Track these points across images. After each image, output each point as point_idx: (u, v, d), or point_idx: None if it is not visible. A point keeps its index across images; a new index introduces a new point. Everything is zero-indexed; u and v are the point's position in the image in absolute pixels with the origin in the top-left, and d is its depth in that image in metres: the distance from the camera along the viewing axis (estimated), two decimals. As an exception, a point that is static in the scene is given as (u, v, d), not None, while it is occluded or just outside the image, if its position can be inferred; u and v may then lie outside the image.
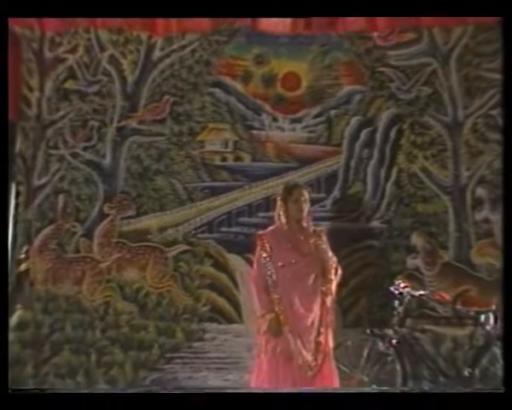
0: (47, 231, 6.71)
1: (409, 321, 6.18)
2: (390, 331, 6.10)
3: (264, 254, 5.40)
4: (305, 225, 5.46)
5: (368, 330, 6.18)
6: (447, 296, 6.35)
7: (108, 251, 6.68)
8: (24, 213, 6.72)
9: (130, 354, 6.52)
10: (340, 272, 5.52)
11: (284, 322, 5.26)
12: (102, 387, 6.45)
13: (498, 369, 5.99)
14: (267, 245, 5.41)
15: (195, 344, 6.53)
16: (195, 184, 6.75)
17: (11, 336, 6.43)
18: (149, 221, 6.71)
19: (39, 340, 6.56)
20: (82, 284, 6.64)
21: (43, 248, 6.69)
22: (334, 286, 5.42)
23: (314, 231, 5.50)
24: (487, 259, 6.54)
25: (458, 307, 6.35)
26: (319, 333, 5.30)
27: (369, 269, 6.58)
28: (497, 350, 6.02)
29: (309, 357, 5.24)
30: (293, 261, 5.34)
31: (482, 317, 6.10)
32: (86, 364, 6.52)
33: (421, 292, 6.22)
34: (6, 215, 6.28)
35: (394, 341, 6.05)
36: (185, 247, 6.65)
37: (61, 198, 6.75)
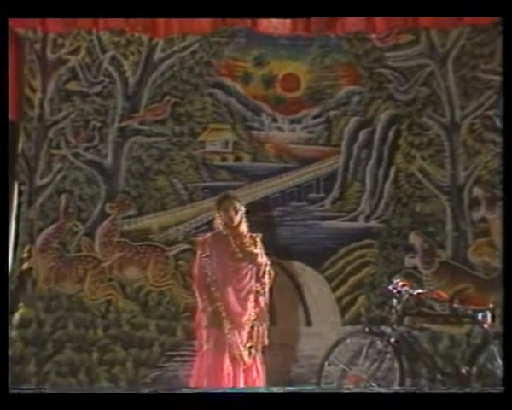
0: (49, 230, 6.76)
1: (407, 319, 6.22)
2: (388, 330, 6.15)
3: (205, 257, 5.84)
4: (241, 231, 5.85)
5: (366, 329, 6.23)
6: (445, 295, 6.38)
7: (110, 250, 6.73)
8: (26, 213, 6.76)
9: (131, 352, 6.55)
10: (272, 275, 5.92)
11: (223, 317, 5.67)
12: (104, 385, 6.49)
13: (496, 367, 6.04)
14: (207, 248, 5.86)
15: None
16: (196, 184, 6.79)
17: (14, 334, 6.50)
18: (150, 221, 6.75)
19: (41, 338, 6.60)
20: (84, 282, 6.68)
21: (45, 248, 6.73)
22: (266, 288, 5.91)
23: (250, 237, 5.89)
24: (484, 258, 6.58)
25: (456, 305, 6.39)
26: (252, 330, 5.74)
27: (367, 268, 6.62)
28: (494, 348, 6.06)
29: (244, 351, 5.65)
30: (230, 263, 5.79)
31: (479, 315, 6.14)
32: (88, 362, 6.56)
33: (419, 291, 6.26)
34: (8, 215, 6.36)
35: (392, 339, 6.09)
36: (186, 246, 6.69)
37: (63, 198, 6.79)
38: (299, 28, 6.80)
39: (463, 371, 6.12)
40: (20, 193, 6.78)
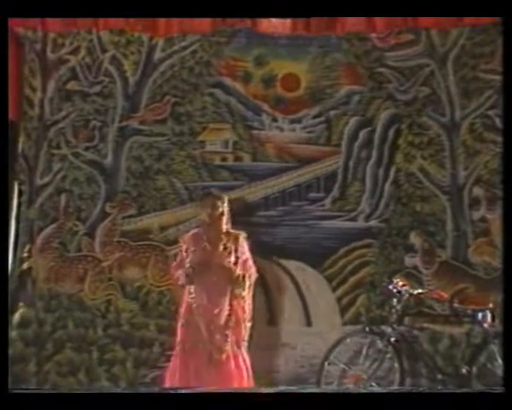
0: (49, 230, 6.76)
1: (407, 319, 6.23)
2: (388, 329, 6.16)
3: (183, 254, 5.84)
4: (221, 228, 5.81)
5: (366, 328, 6.24)
6: (445, 295, 6.38)
7: (110, 250, 6.73)
8: (26, 213, 6.77)
9: (131, 351, 6.56)
10: (254, 273, 5.83)
11: (196, 313, 5.64)
12: (104, 384, 6.49)
13: (496, 367, 6.05)
14: (185, 246, 5.85)
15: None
16: (196, 184, 6.78)
17: (14, 333, 6.50)
18: (150, 220, 6.76)
19: (41, 338, 6.61)
20: (84, 282, 6.69)
21: (45, 247, 6.73)
22: (246, 286, 5.76)
23: (233, 235, 5.85)
24: (484, 257, 6.58)
25: (456, 305, 6.39)
26: (227, 328, 5.64)
27: (367, 267, 6.62)
28: (494, 348, 6.07)
29: (214, 348, 5.60)
30: (207, 261, 5.72)
31: (479, 315, 6.15)
32: (88, 362, 6.56)
33: (420, 290, 6.27)
34: (8, 214, 6.37)
35: (392, 339, 6.10)
36: (186, 246, 6.69)
37: (63, 197, 6.80)
38: (300, 28, 6.82)
39: (463, 370, 6.13)
40: (20, 193, 6.79)
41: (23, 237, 6.74)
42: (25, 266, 6.71)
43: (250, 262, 5.84)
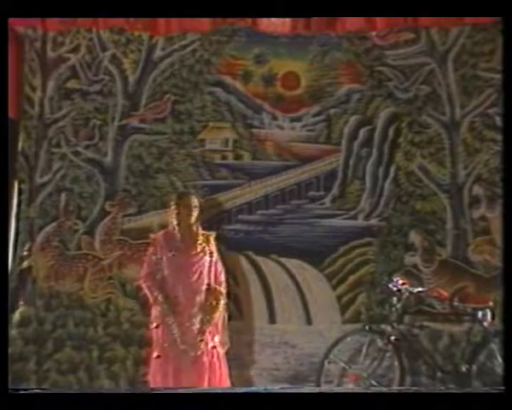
0: (49, 228, 6.76)
1: (407, 318, 6.25)
2: (388, 328, 6.17)
3: (156, 254, 5.87)
4: (194, 229, 5.89)
5: (366, 327, 6.26)
6: (445, 293, 6.39)
7: (110, 248, 6.73)
8: (26, 211, 6.76)
9: (131, 350, 6.56)
10: (223, 271, 5.93)
11: (170, 312, 5.68)
12: (104, 383, 6.50)
13: (496, 365, 6.06)
14: (158, 246, 5.88)
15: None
16: (196, 183, 6.78)
17: (14, 332, 6.51)
18: (150, 219, 6.76)
19: (41, 336, 6.60)
20: (84, 281, 6.69)
21: (45, 246, 6.73)
22: (218, 286, 5.84)
23: (203, 235, 5.91)
24: (484, 256, 6.57)
25: (456, 303, 6.39)
26: (202, 326, 5.69)
27: (367, 266, 6.62)
28: (494, 346, 6.09)
29: (188, 345, 5.65)
30: (181, 260, 5.78)
31: (479, 313, 6.16)
32: (88, 360, 6.56)
33: (419, 289, 6.28)
34: (8, 213, 6.37)
35: (392, 337, 6.12)
36: (185, 244, 6.69)
37: (63, 196, 6.79)
38: (300, 27, 6.84)
39: (463, 369, 6.14)
40: (20, 191, 6.78)
41: (23, 235, 6.73)
42: (25, 264, 6.70)
43: (219, 262, 5.94)
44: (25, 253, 6.72)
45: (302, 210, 6.74)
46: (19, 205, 6.77)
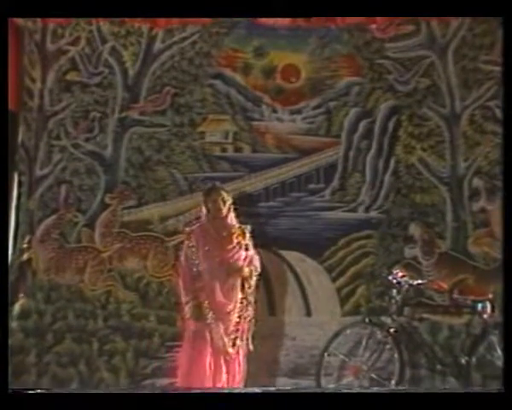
0: (49, 220, 6.76)
1: (406, 310, 6.24)
2: (388, 320, 6.18)
3: (191, 248, 5.74)
4: (229, 222, 5.76)
5: (366, 319, 6.27)
6: (444, 285, 6.42)
7: (110, 241, 6.73)
8: (26, 203, 6.77)
9: (131, 342, 6.56)
10: (258, 267, 5.80)
11: (207, 309, 5.58)
12: (104, 375, 6.51)
13: (495, 357, 6.07)
14: (193, 240, 5.74)
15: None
16: (196, 175, 6.78)
17: (14, 324, 6.51)
18: (150, 211, 6.76)
19: (41, 329, 6.61)
20: (84, 273, 6.69)
21: (45, 238, 6.73)
22: (252, 280, 5.75)
23: (238, 228, 5.79)
24: (484, 248, 6.59)
25: (455, 295, 6.41)
26: (238, 323, 5.64)
27: (367, 258, 6.62)
28: (493, 338, 6.09)
29: (228, 343, 5.58)
30: (216, 254, 5.67)
31: (479, 305, 6.17)
32: (88, 352, 6.56)
33: (419, 281, 6.28)
34: (8, 205, 6.37)
35: (392, 329, 6.12)
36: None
37: (62, 188, 6.80)
38: (299, 19, 6.82)
39: (463, 361, 6.15)
40: (20, 183, 6.79)
41: (23, 227, 6.74)
42: (25, 256, 6.71)
43: (256, 258, 5.82)
44: (25, 245, 6.72)
45: (302, 203, 6.75)
46: (19, 197, 6.77)
